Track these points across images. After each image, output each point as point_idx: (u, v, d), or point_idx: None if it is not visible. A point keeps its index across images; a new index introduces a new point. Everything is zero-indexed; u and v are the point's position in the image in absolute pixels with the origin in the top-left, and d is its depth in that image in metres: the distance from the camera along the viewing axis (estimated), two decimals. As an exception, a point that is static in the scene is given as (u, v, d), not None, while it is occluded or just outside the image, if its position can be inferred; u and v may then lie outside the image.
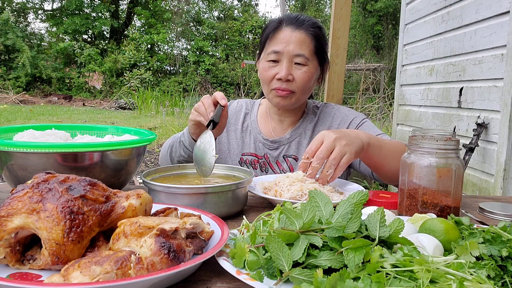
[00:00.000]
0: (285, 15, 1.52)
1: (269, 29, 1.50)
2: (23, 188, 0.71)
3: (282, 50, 1.45)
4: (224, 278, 0.69)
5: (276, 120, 1.66)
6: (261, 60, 1.54)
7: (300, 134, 1.61)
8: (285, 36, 1.46)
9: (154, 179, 1.10)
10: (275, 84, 1.48)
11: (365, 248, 0.59)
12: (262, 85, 1.57)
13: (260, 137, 1.63)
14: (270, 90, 1.51)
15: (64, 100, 16.97)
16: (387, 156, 1.26)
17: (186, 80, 19.16)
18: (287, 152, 1.60)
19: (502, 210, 1.09)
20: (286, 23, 1.48)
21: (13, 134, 1.22)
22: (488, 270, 0.61)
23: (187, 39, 21.34)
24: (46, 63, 18.85)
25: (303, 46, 1.46)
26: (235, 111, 1.73)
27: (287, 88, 1.47)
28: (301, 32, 1.46)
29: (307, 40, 1.47)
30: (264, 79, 1.51)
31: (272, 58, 1.47)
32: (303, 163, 1.13)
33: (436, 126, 3.57)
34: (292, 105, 1.54)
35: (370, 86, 11.02)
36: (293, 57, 1.45)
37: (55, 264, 0.66)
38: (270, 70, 1.48)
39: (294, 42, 1.45)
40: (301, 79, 1.47)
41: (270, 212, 0.81)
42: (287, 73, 1.45)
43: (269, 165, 1.61)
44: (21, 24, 20.12)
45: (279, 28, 1.48)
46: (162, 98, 13.07)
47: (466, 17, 3.15)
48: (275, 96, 1.51)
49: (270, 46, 1.48)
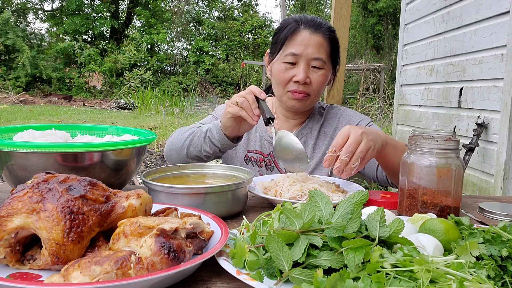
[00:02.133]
0: (302, 17, 1.51)
1: (288, 30, 1.48)
2: (23, 188, 0.71)
3: (301, 52, 1.45)
4: (224, 278, 0.69)
5: (282, 119, 1.66)
6: (276, 61, 1.53)
7: (306, 134, 1.62)
8: (304, 39, 1.45)
9: (154, 179, 1.10)
10: (292, 87, 1.48)
11: (365, 248, 0.59)
12: (275, 86, 1.55)
13: (266, 135, 1.64)
14: (285, 92, 1.51)
15: (64, 100, 16.97)
16: (398, 156, 1.27)
17: (186, 80, 19.17)
18: None
19: (502, 210, 1.09)
20: (304, 25, 1.47)
21: (13, 134, 1.22)
22: (488, 270, 0.61)
23: (187, 39, 21.34)
24: (46, 63, 18.86)
25: (321, 50, 1.46)
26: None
27: (304, 90, 1.48)
28: (319, 35, 1.46)
29: (325, 44, 1.47)
30: (280, 80, 1.50)
31: (290, 60, 1.46)
32: (329, 156, 1.12)
33: (436, 126, 3.57)
34: (306, 107, 1.56)
35: (370, 86, 11.02)
36: (311, 60, 1.46)
37: (55, 264, 0.66)
38: (287, 72, 1.47)
39: (313, 45, 1.45)
40: (318, 82, 1.48)
41: (270, 212, 0.81)
42: (305, 76, 1.45)
43: (275, 164, 1.61)
44: (21, 24, 20.11)
45: (298, 30, 1.47)
46: (162, 98, 13.07)
47: (466, 17, 3.15)
48: (290, 98, 1.51)
49: (288, 48, 1.47)
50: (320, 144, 1.61)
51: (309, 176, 1.24)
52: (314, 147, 1.61)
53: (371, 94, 10.90)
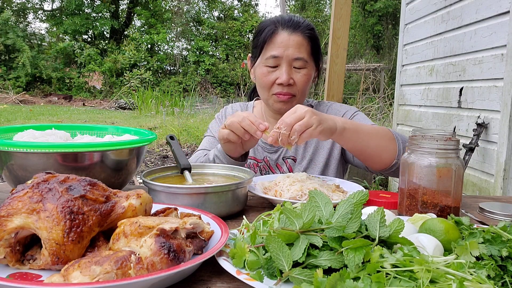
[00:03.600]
0: (279, 18, 1.50)
1: (266, 34, 1.47)
2: (23, 188, 0.71)
3: (281, 54, 1.43)
4: (224, 278, 0.69)
5: (272, 122, 1.64)
6: (258, 65, 1.52)
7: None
8: (283, 40, 1.44)
9: (154, 179, 1.10)
10: (276, 89, 1.47)
11: (365, 248, 0.59)
12: (260, 90, 1.55)
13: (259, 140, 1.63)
14: (270, 95, 1.50)
15: (64, 100, 16.97)
16: (365, 140, 1.27)
17: (186, 80, 19.16)
18: (286, 153, 1.61)
19: (502, 210, 1.09)
20: (282, 26, 1.46)
21: (13, 134, 1.22)
22: (488, 270, 0.61)
23: (187, 39, 21.34)
24: (46, 63, 18.86)
25: (301, 49, 1.45)
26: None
27: (289, 92, 1.47)
28: (298, 35, 1.45)
29: (305, 42, 1.46)
30: (263, 84, 1.49)
31: (271, 63, 1.45)
32: (274, 132, 1.13)
33: (436, 126, 3.57)
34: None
35: (370, 86, 11.02)
36: (292, 61, 1.45)
37: (55, 264, 0.66)
38: (270, 75, 1.47)
39: (293, 46, 1.44)
40: (301, 82, 1.47)
41: (270, 212, 0.81)
42: (288, 77, 1.44)
43: (270, 168, 1.61)
44: (21, 24, 20.12)
45: (276, 32, 1.45)
46: (162, 98, 13.07)
47: (466, 17, 3.15)
48: (276, 101, 1.50)
49: (268, 50, 1.46)
50: (311, 142, 1.61)
51: (309, 176, 1.24)
52: (305, 146, 1.60)
53: (371, 94, 10.91)
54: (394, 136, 1.33)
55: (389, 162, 1.32)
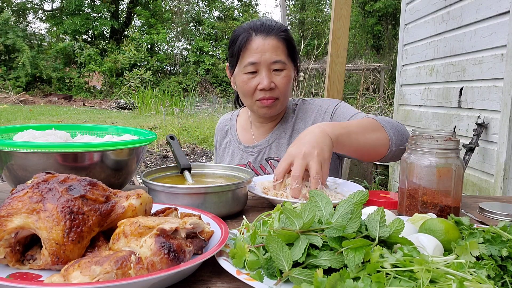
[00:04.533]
0: (251, 24, 1.49)
1: (240, 42, 1.47)
2: (23, 188, 0.71)
3: (259, 60, 1.43)
4: (224, 278, 0.69)
5: (258, 126, 1.67)
6: (237, 74, 1.51)
7: (279, 134, 1.60)
8: (259, 46, 1.44)
9: (154, 179, 1.10)
10: (259, 95, 1.47)
11: (365, 248, 0.59)
12: (243, 98, 1.54)
13: (241, 146, 1.65)
14: (254, 102, 1.50)
15: (64, 100, 16.98)
16: (357, 139, 1.25)
17: (186, 80, 19.17)
18: (269, 154, 1.60)
19: (502, 210, 1.09)
20: (255, 32, 1.46)
21: (13, 134, 1.22)
22: (488, 270, 0.61)
23: (187, 39, 21.35)
24: (46, 63, 18.87)
25: (278, 52, 1.45)
26: (219, 130, 1.79)
27: (272, 96, 1.47)
28: (273, 38, 1.44)
29: (280, 45, 1.46)
30: (245, 92, 1.49)
31: (250, 70, 1.45)
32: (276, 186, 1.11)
33: (436, 126, 3.57)
34: (278, 111, 1.55)
35: (370, 86, 11.03)
36: (271, 65, 1.44)
37: (55, 264, 0.66)
38: (251, 82, 1.46)
39: (269, 49, 1.43)
40: (283, 84, 1.47)
41: (270, 212, 0.81)
42: (269, 81, 1.44)
43: (254, 171, 1.60)
44: (21, 24, 20.13)
45: (250, 39, 1.45)
46: (162, 98, 13.07)
47: (466, 17, 3.15)
48: (260, 107, 1.50)
49: (245, 58, 1.46)
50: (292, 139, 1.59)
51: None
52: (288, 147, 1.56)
53: (371, 94, 10.91)
54: (380, 125, 1.32)
55: (384, 152, 1.31)
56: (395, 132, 1.33)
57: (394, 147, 1.31)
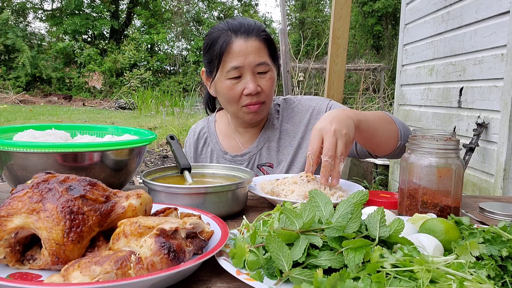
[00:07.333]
0: (229, 25, 1.40)
1: (220, 45, 1.37)
2: (23, 188, 0.71)
3: (243, 63, 1.35)
4: (224, 278, 0.69)
5: (241, 132, 1.58)
6: (218, 80, 1.41)
7: (267, 138, 1.54)
8: (241, 49, 1.35)
9: (154, 179, 1.10)
10: (245, 101, 1.39)
11: (365, 248, 0.59)
12: (227, 104, 1.45)
13: (228, 156, 1.57)
14: (240, 108, 1.42)
15: (64, 100, 16.98)
16: (374, 128, 1.25)
17: (186, 80, 19.16)
18: (260, 161, 1.54)
19: (502, 210, 1.09)
20: (235, 34, 1.37)
21: (13, 134, 1.22)
22: (488, 270, 0.61)
23: (187, 39, 21.34)
24: (46, 63, 18.86)
25: (261, 53, 1.38)
26: (198, 137, 1.65)
27: (259, 100, 1.40)
28: (254, 39, 1.37)
29: (262, 46, 1.39)
30: (230, 98, 1.40)
31: (234, 75, 1.36)
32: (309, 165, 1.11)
33: (436, 126, 3.57)
34: (264, 115, 1.49)
35: (370, 86, 11.03)
36: (255, 68, 1.37)
37: (55, 264, 0.66)
38: (235, 87, 1.38)
39: (252, 52, 1.35)
40: (268, 87, 1.41)
41: (270, 212, 0.81)
42: (255, 86, 1.37)
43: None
44: (21, 24, 20.12)
45: (230, 41, 1.36)
46: (162, 98, 13.07)
47: (466, 17, 3.15)
48: (247, 112, 1.42)
49: (227, 62, 1.36)
50: (286, 144, 1.53)
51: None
52: (278, 150, 1.53)
53: (371, 94, 10.91)
54: (391, 118, 1.33)
55: (395, 144, 1.32)
56: (403, 127, 1.34)
57: (403, 142, 1.32)
